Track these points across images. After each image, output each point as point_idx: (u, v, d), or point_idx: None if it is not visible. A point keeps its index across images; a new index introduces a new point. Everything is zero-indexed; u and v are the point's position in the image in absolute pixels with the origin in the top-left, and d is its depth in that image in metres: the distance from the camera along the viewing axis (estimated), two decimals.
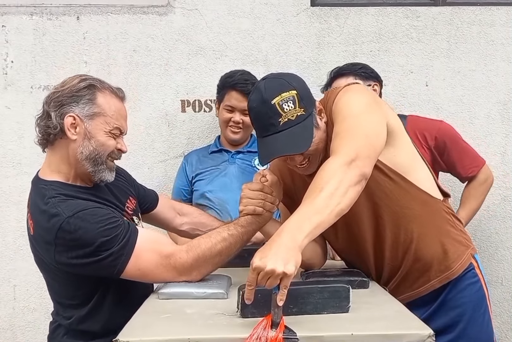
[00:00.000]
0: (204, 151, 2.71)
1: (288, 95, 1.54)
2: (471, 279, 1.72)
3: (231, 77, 2.56)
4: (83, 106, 1.58)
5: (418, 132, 2.46)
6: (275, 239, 1.28)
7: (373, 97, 1.64)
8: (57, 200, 1.54)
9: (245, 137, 2.64)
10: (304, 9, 2.88)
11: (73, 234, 1.48)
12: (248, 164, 2.62)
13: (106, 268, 1.51)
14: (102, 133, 1.60)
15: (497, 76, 2.89)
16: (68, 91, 1.59)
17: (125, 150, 1.69)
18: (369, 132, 1.49)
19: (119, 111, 1.65)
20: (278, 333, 1.19)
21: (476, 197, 2.55)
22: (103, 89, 1.63)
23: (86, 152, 1.59)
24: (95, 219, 1.50)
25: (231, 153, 2.64)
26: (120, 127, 1.65)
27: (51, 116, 1.59)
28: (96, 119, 1.59)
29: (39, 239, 1.58)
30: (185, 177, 2.67)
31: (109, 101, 1.62)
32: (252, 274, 1.23)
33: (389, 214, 1.65)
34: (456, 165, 2.51)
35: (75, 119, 1.58)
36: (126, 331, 1.25)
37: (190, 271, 1.56)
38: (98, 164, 1.61)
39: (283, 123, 1.53)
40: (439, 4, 2.89)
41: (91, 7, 2.85)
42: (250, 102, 1.60)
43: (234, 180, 2.56)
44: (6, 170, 2.86)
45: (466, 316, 1.69)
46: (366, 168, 1.44)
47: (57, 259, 1.53)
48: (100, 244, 1.48)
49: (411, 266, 1.69)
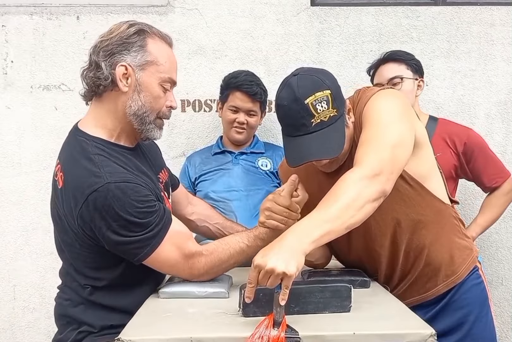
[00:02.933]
0: (206, 153, 2.71)
1: (322, 95, 1.48)
2: (475, 280, 1.72)
3: (236, 78, 2.56)
4: (135, 54, 1.47)
5: (447, 137, 2.46)
6: (280, 240, 1.27)
7: (404, 106, 1.58)
8: (101, 159, 1.44)
9: (248, 137, 2.65)
10: (304, 9, 2.88)
11: (107, 201, 1.39)
12: (252, 165, 2.62)
13: (127, 251, 1.45)
14: (153, 85, 1.50)
15: (497, 76, 2.89)
16: (117, 39, 1.48)
17: (175, 107, 1.59)
18: (396, 144, 1.45)
19: (171, 59, 1.54)
20: (280, 332, 1.19)
21: (497, 206, 2.52)
22: (153, 35, 1.52)
23: (134, 107, 1.49)
24: (135, 196, 1.41)
25: (234, 154, 2.64)
26: (173, 78, 1.55)
27: (101, 66, 1.47)
28: (148, 69, 1.49)
29: (67, 193, 1.46)
30: (187, 178, 2.67)
31: (160, 48, 1.51)
32: (253, 272, 1.23)
33: (406, 221, 1.62)
34: (482, 174, 2.48)
35: (127, 69, 1.47)
36: (128, 330, 1.25)
37: (203, 275, 1.55)
38: (146, 123, 1.52)
39: (315, 124, 1.48)
40: (439, 4, 2.89)
41: (91, 7, 2.85)
42: (279, 99, 1.52)
43: (238, 180, 2.56)
44: (6, 170, 2.86)
45: (471, 317, 1.68)
46: (388, 186, 1.41)
47: (81, 220, 1.44)
48: (130, 223, 1.41)
49: (421, 271, 1.68)
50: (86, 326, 1.55)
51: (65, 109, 2.87)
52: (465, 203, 2.84)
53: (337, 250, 1.82)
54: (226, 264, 1.56)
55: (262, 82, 2.60)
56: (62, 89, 2.85)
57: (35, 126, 2.85)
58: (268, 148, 2.69)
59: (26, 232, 2.86)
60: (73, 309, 1.57)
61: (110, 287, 1.55)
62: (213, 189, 2.58)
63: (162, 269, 1.55)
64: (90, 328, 1.54)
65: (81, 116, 3.02)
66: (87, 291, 1.55)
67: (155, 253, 1.46)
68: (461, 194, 2.85)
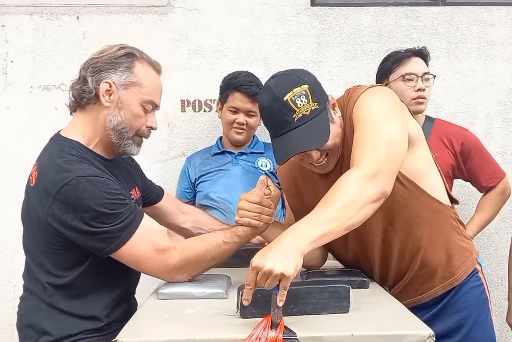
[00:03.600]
0: (206, 154, 2.71)
1: (300, 90, 1.49)
2: (474, 283, 1.71)
3: (235, 78, 2.56)
4: (120, 74, 1.57)
5: (444, 137, 2.47)
6: (278, 241, 1.27)
7: (394, 103, 1.58)
8: (74, 158, 1.51)
9: (248, 138, 2.65)
10: (304, 9, 2.88)
11: (78, 194, 1.44)
12: (252, 165, 2.62)
13: (98, 242, 1.48)
14: (134, 104, 1.59)
15: (497, 76, 2.89)
16: (107, 58, 1.58)
17: (155, 128, 1.66)
18: (391, 142, 1.44)
19: (156, 83, 1.64)
20: (278, 333, 1.19)
21: (493, 205, 2.56)
22: (142, 59, 1.62)
23: (114, 122, 1.57)
24: (105, 188, 1.47)
25: (234, 154, 2.65)
26: (154, 101, 1.63)
27: (87, 80, 1.58)
28: (131, 89, 1.58)
29: (38, 189, 1.51)
30: (187, 179, 2.67)
31: (147, 72, 1.62)
32: (251, 273, 1.23)
33: (400, 222, 1.62)
34: (478, 174, 2.51)
35: (111, 86, 1.57)
36: (125, 331, 1.25)
37: (179, 272, 1.55)
38: (124, 138, 1.60)
39: (298, 119, 1.48)
40: (439, 4, 2.89)
41: (91, 7, 2.85)
42: (261, 102, 1.54)
43: (238, 181, 2.56)
44: (6, 170, 2.86)
45: (470, 320, 1.68)
46: (388, 186, 1.40)
47: (51, 215, 1.48)
48: (101, 214, 1.45)
49: (417, 273, 1.67)
50: (45, 336, 1.57)
51: (65, 109, 2.83)
52: (465, 203, 2.84)
53: (335, 249, 1.81)
54: (203, 259, 1.56)
55: (261, 82, 2.59)
56: (62, 89, 2.85)
57: (35, 126, 2.85)
58: (268, 149, 2.68)
59: None
60: (34, 317, 1.60)
61: (69, 287, 1.56)
62: (213, 189, 2.58)
63: (136, 265, 1.54)
64: (49, 337, 1.56)
65: None
66: (48, 291, 1.57)
67: (126, 245, 1.48)
68: (461, 194, 2.85)
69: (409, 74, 2.40)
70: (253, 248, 1.89)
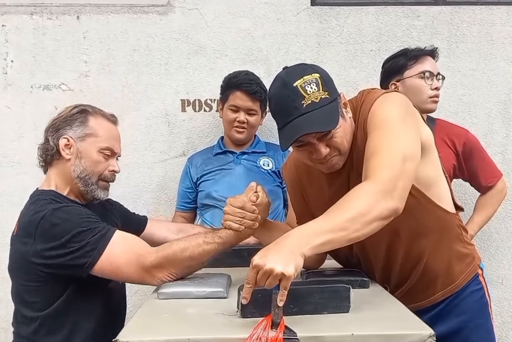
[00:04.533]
0: (208, 154, 2.71)
1: (311, 77, 1.46)
2: (475, 287, 1.70)
3: (236, 78, 2.56)
4: (76, 128, 1.76)
5: (446, 137, 2.49)
6: (280, 241, 1.27)
7: (410, 110, 1.55)
8: (48, 202, 1.66)
9: (249, 137, 2.64)
10: (304, 9, 2.88)
11: (53, 223, 1.58)
12: (254, 165, 2.62)
13: (78, 259, 1.56)
14: (92, 152, 1.75)
15: (497, 76, 2.89)
16: (63, 118, 1.78)
17: (117, 171, 1.82)
18: (407, 156, 1.41)
19: (110, 132, 1.81)
20: (278, 333, 1.19)
21: (492, 204, 2.59)
22: (94, 113, 1.80)
23: (77, 171, 1.74)
24: (77, 211, 1.64)
25: (236, 154, 2.64)
26: (111, 147, 1.79)
27: (49, 140, 1.77)
28: (87, 140, 1.76)
29: (20, 234, 1.66)
30: (189, 179, 2.68)
31: (100, 123, 1.79)
32: (251, 271, 1.23)
33: (405, 230, 1.59)
34: (478, 174, 2.55)
35: (69, 140, 1.75)
36: (125, 331, 1.25)
37: (157, 270, 1.58)
38: (89, 184, 1.76)
39: (307, 106, 1.44)
40: (439, 3, 2.89)
41: (91, 6, 2.84)
42: (270, 91, 1.53)
43: (240, 180, 2.55)
44: (6, 170, 2.86)
45: (469, 323, 1.67)
46: (401, 204, 1.38)
47: (33, 252, 1.60)
48: (77, 233, 1.57)
49: (418, 280, 1.66)
50: None
51: None
52: (465, 203, 2.83)
53: (339, 253, 1.79)
54: (180, 255, 1.57)
55: (262, 81, 2.59)
56: (62, 89, 2.85)
57: (35, 126, 2.85)
58: (269, 148, 2.69)
59: None
60: None
61: (52, 321, 1.65)
62: (215, 188, 2.58)
63: (117, 273, 1.61)
64: None
65: None
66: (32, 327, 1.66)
67: (104, 255, 1.57)
68: (461, 194, 2.85)
69: (428, 72, 2.41)
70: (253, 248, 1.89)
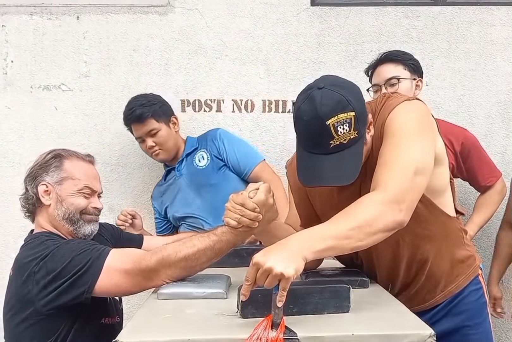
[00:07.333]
0: (161, 181, 2.75)
1: (346, 117, 1.40)
2: (474, 286, 1.71)
3: (124, 115, 2.60)
4: (52, 174, 1.76)
5: (444, 137, 2.42)
6: (283, 242, 1.27)
7: (428, 120, 1.54)
8: (46, 238, 1.68)
9: (171, 150, 2.62)
10: (304, 9, 2.88)
11: (53, 261, 1.58)
12: (191, 166, 2.61)
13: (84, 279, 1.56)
14: (71, 194, 1.75)
15: (497, 76, 2.89)
16: (38, 165, 1.78)
17: (100, 208, 1.82)
18: (419, 169, 1.41)
19: (87, 172, 1.81)
20: (278, 333, 1.19)
21: (492, 204, 2.58)
22: (69, 156, 1.80)
23: (61, 213, 1.74)
24: (76, 242, 1.66)
25: (175, 166, 2.65)
26: (90, 186, 1.79)
27: (28, 189, 1.78)
28: (65, 183, 1.76)
29: (19, 273, 1.65)
30: (158, 212, 2.73)
31: (75, 165, 1.79)
32: (252, 269, 1.23)
33: (410, 235, 1.59)
34: (477, 174, 2.54)
35: (47, 186, 1.75)
36: (125, 332, 1.25)
37: (155, 273, 1.56)
38: (75, 222, 1.75)
39: (334, 146, 1.42)
40: (439, 3, 2.89)
41: (91, 7, 2.85)
42: (300, 112, 1.44)
43: (187, 191, 2.59)
44: (6, 170, 2.86)
45: (468, 322, 1.67)
46: (407, 217, 1.37)
47: (36, 288, 1.59)
48: (75, 256, 1.58)
49: (422, 284, 1.67)
50: None
51: (65, 109, 2.87)
52: (465, 203, 2.84)
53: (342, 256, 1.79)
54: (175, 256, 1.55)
55: (143, 95, 2.63)
56: (62, 89, 2.85)
57: (35, 126, 2.86)
58: (200, 140, 2.68)
59: (26, 232, 2.80)
60: None
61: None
62: (175, 210, 2.62)
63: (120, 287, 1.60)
64: None
65: (81, 116, 3.04)
66: None
67: (105, 272, 1.57)
68: (461, 194, 2.85)
69: (373, 86, 2.42)
70: (253, 248, 1.90)
